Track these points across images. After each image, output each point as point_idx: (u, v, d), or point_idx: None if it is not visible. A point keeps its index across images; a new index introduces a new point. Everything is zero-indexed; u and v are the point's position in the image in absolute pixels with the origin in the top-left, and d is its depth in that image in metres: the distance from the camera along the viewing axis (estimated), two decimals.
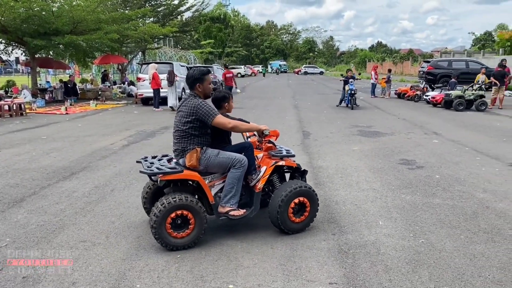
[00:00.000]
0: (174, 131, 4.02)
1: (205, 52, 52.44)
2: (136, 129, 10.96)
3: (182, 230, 3.74)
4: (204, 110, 3.81)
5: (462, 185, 5.74)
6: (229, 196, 3.93)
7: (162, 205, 3.62)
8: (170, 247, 3.71)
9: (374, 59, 63.24)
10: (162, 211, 3.61)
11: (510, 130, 10.47)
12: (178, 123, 3.95)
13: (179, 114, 3.96)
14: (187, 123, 3.87)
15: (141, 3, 25.49)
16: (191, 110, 3.84)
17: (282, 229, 4.04)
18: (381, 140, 9.20)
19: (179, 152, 3.96)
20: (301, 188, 4.06)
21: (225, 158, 3.93)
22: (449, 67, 22.66)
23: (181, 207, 3.67)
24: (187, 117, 3.86)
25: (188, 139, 3.90)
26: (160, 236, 3.66)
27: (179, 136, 3.93)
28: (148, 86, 17.60)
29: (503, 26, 69.50)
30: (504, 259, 3.56)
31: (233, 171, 3.92)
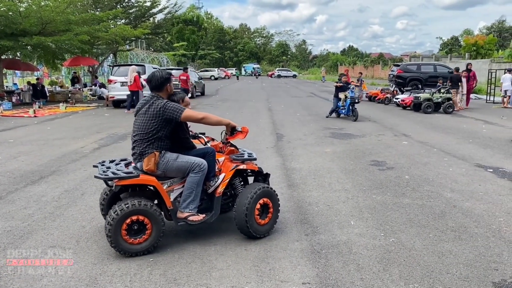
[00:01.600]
0: (134, 135, 3.87)
1: (178, 54, 52.04)
2: (107, 132, 10.78)
3: (139, 236, 3.64)
4: (170, 108, 3.73)
5: (431, 185, 5.90)
6: (188, 201, 3.83)
7: (115, 213, 3.51)
8: (128, 254, 3.61)
9: (346, 62, 64.27)
10: (115, 219, 3.49)
11: (476, 131, 10.83)
12: (140, 126, 3.80)
13: (141, 118, 3.82)
14: (151, 126, 3.75)
15: (113, 5, 25.13)
16: (156, 112, 3.73)
17: (251, 233, 3.94)
18: (352, 142, 9.35)
19: (137, 156, 3.83)
20: (264, 189, 4.06)
21: (184, 162, 3.84)
22: (418, 71, 23.22)
23: (136, 212, 3.57)
24: (152, 119, 3.74)
25: (148, 143, 3.77)
26: (116, 244, 3.55)
27: (140, 140, 3.80)
28: (119, 89, 17.40)
29: (469, 32, 71.85)
30: (471, 256, 3.68)
31: (192, 176, 3.83)
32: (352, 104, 13.05)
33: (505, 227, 4.34)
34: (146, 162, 3.73)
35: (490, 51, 39.60)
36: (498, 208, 4.92)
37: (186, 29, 59.87)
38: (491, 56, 36.82)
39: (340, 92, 13.55)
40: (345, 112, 13.39)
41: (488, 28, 75.08)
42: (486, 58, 35.42)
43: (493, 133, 10.44)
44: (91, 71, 26.87)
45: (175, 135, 3.97)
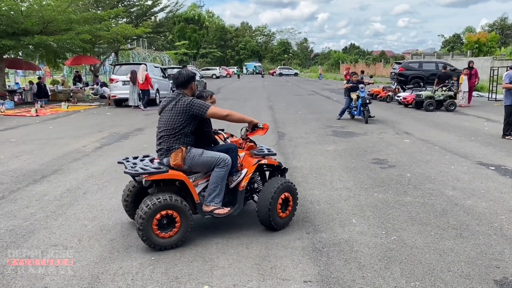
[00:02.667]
0: (160, 131, 4.00)
1: (179, 53, 52.04)
2: (109, 131, 10.79)
3: (168, 230, 3.75)
4: (197, 104, 3.89)
5: (432, 183, 5.89)
6: (213, 195, 3.96)
7: (147, 206, 3.61)
8: (157, 247, 3.71)
9: (347, 60, 64.16)
10: (147, 212, 3.59)
11: (478, 129, 10.81)
12: (166, 122, 3.94)
13: (168, 114, 3.95)
14: (178, 122, 3.89)
15: (114, 4, 25.11)
16: (183, 108, 3.88)
17: (272, 225, 4.10)
18: (354, 140, 9.34)
19: (164, 151, 3.95)
20: (286, 184, 4.22)
21: (210, 157, 3.98)
22: (420, 69, 23.19)
23: (167, 207, 3.67)
24: (179, 115, 3.89)
25: (174, 138, 3.90)
26: (148, 237, 3.65)
27: (166, 135, 3.92)
28: (121, 88, 17.42)
29: (471, 29, 71.62)
30: (472, 254, 3.67)
31: (217, 170, 3.97)
32: (364, 105, 12.13)
33: (507, 225, 4.34)
34: (173, 157, 3.85)
35: (492, 49, 39.49)
36: (500, 206, 4.91)
37: (188, 27, 59.91)
38: (493, 54, 36.70)
39: (352, 92, 12.61)
40: (357, 113, 12.46)
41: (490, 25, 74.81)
42: (488, 55, 35.31)
43: (495, 130, 10.42)
44: (93, 70, 26.89)
45: (199, 130, 4.12)
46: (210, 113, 3.92)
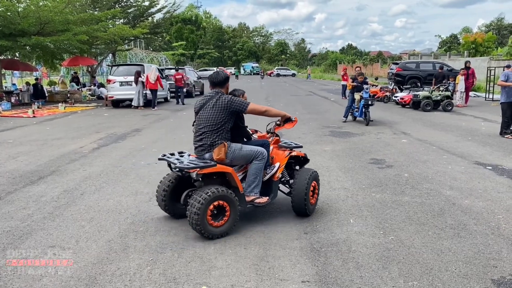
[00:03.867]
0: (201, 127, 4.23)
1: (176, 54, 52.05)
2: (106, 132, 10.78)
3: (219, 219, 4.01)
4: (237, 101, 4.23)
5: (430, 183, 5.91)
6: (253, 186, 4.28)
7: (203, 197, 3.83)
8: (210, 236, 3.94)
9: (345, 61, 64.24)
10: (203, 203, 3.81)
11: (475, 129, 10.83)
12: (208, 119, 4.18)
13: (209, 111, 4.20)
14: (220, 118, 4.17)
15: (111, 4, 25.07)
16: (224, 105, 4.18)
17: (306, 212, 4.51)
18: (351, 141, 9.35)
19: (207, 146, 4.18)
20: (314, 174, 4.68)
21: (249, 151, 4.29)
22: (417, 69, 23.23)
23: (219, 197, 3.94)
24: (221, 112, 4.18)
25: (217, 134, 4.17)
26: (202, 226, 3.86)
27: (209, 131, 4.17)
28: (118, 88, 17.40)
29: (468, 29, 71.82)
30: (470, 253, 3.68)
31: (255, 163, 4.28)
32: (366, 106, 11.72)
33: (504, 224, 4.35)
34: (217, 152, 4.11)
35: (489, 49, 39.59)
36: (497, 206, 4.93)
37: (185, 28, 59.92)
38: (490, 54, 36.80)
39: (356, 92, 12.25)
40: (358, 114, 12.09)
41: (487, 25, 75.03)
42: (485, 55, 35.41)
43: (492, 130, 10.45)
44: (90, 71, 26.84)
45: (237, 126, 4.44)
46: (250, 109, 4.26)
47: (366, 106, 11.73)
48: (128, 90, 17.44)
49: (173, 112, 15.92)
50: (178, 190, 4.39)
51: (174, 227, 4.30)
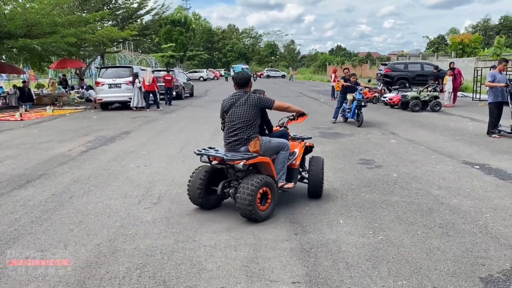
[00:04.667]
0: (235, 123, 4.65)
1: (166, 55, 51.86)
2: (95, 135, 10.70)
3: (263, 204, 4.46)
4: (265, 99, 4.75)
5: (419, 182, 5.95)
6: (281, 173, 4.78)
7: (253, 184, 4.30)
8: (258, 219, 4.38)
9: (334, 62, 64.55)
10: (254, 189, 4.27)
11: (463, 129, 10.95)
12: (241, 116, 4.63)
13: (241, 109, 4.65)
14: (252, 114, 4.64)
15: (99, 7, 24.93)
16: (255, 103, 4.66)
17: (320, 195, 5.20)
18: (341, 141, 9.39)
19: (243, 140, 4.62)
20: (323, 160, 5.36)
21: (277, 143, 4.82)
22: (405, 70, 23.45)
23: (265, 184, 4.43)
24: (253, 109, 4.65)
25: (251, 128, 4.63)
26: (253, 209, 4.29)
27: (244, 127, 4.61)
28: (107, 91, 17.30)
29: (455, 30, 72.75)
30: (458, 252, 3.71)
31: (282, 153, 4.82)
32: (359, 108, 11.56)
33: (492, 223, 4.40)
34: (253, 145, 4.58)
35: (475, 49, 40.04)
36: (484, 204, 4.98)
37: (174, 30, 59.65)
38: (476, 54, 37.23)
39: (348, 93, 12.10)
40: (350, 115, 11.87)
41: (474, 26, 76.00)
42: (472, 56, 35.82)
43: (480, 130, 10.57)
44: (78, 73, 26.63)
45: (264, 120, 5.00)
46: (276, 106, 4.74)
47: (359, 107, 11.56)
48: (117, 93, 17.38)
49: (163, 114, 15.86)
50: (210, 183, 4.79)
51: (163, 230, 4.28)
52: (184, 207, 4.96)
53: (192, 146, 8.89)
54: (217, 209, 4.89)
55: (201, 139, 9.80)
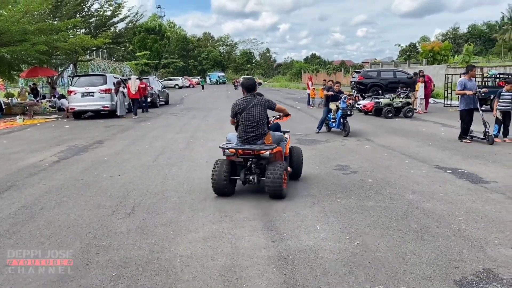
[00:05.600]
0: (252, 122, 5.56)
1: (140, 63, 51.36)
2: (67, 144, 10.45)
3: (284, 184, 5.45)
4: (271, 101, 5.82)
5: (393, 187, 6.03)
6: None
7: (281, 168, 5.34)
8: (284, 196, 5.45)
9: (309, 70, 65.26)
10: (282, 172, 5.30)
11: (435, 134, 11.19)
12: (256, 116, 5.57)
13: (254, 109, 5.58)
14: (263, 114, 5.65)
15: (71, 14, 24.46)
16: (264, 104, 5.67)
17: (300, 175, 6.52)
18: (317, 148, 9.45)
19: (260, 135, 5.60)
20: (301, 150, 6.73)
21: (278, 136, 5.95)
22: (378, 77, 23.88)
23: (285, 168, 5.52)
24: (263, 109, 5.65)
25: (265, 125, 5.68)
26: (282, 187, 5.31)
27: (260, 124, 5.59)
28: (80, 100, 16.99)
29: (426, 38, 74.67)
30: (433, 255, 3.76)
31: (282, 144, 5.91)
32: (344, 117, 11.22)
33: (464, 226, 4.48)
34: (267, 138, 5.63)
35: (446, 57, 41.21)
36: (457, 208, 5.07)
37: (148, 38, 59.18)
38: (447, 62, 38.29)
39: (331, 102, 11.73)
40: (336, 125, 11.57)
41: (444, 34, 78.24)
42: (443, 63, 36.81)
43: (451, 135, 10.82)
44: (50, 82, 26.05)
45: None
46: (277, 107, 5.89)
47: (344, 117, 11.24)
48: (90, 101, 17.10)
49: (137, 122, 15.64)
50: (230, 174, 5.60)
51: (138, 240, 4.19)
52: (159, 217, 4.88)
53: (167, 155, 8.79)
54: (192, 219, 4.82)
55: (177, 148, 9.70)
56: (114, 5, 28.16)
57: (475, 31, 76.70)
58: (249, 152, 5.46)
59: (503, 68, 27.76)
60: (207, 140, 10.85)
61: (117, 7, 28.32)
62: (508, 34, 60.54)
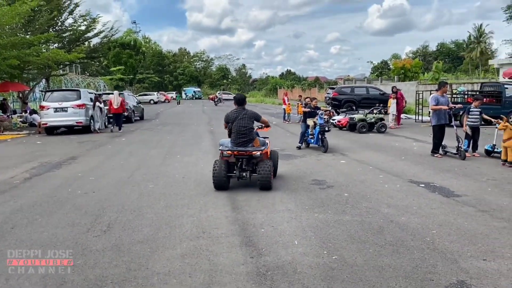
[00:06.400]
0: (243, 129, 6.87)
1: (115, 78, 50.82)
2: (39, 161, 10.20)
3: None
4: (257, 113, 7.19)
5: (368, 201, 6.13)
6: None
7: (270, 165, 6.72)
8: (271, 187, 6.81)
9: (285, 86, 65.95)
10: (270, 168, 6.70)
11: (407, 149, 11.45)
12: (246, 124, 6.92)
13: (244, 119, 6.92)
14: (251, 122, 7.01)
15: (44, 28, 24.09)
16: (251, 115, 7.03)
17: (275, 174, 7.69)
18: (293, 163, 9.53)
19: (250, 140, 6.93)
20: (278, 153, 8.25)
21: (263, 140, 7.23)
22: (352, 93, 24.37)
23: (272, 165, 6.98)
24: (251, 119, 7.01)
25: (253, 132, 7.05)
26: (271, 180, 6.71)
27: (249, 131, 6.93)
28: (53, 115, 16.66)
29: (397, 56, 76.87)
30: (408, 268, 3.83)
31: (265, 147, 7.06)
32: (322, 133, 11.24)
33: (438, 238, 4.59)
34: (256, 142, 7.00)
35: (416, 74, 42.41)
36: (431, 221, 5.19)
37: (123, 53, 58.70)
38: (417, 79, 39.40)
39: (309, 118, 11.77)
40: (314, 141, 11.56)
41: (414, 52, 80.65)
42: (413, 80, 37.85)
43: (423, 150, 11.09)
44: (21, 97, 25.45)
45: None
46: (262, 119, 7.22)
47: (322, 133, 11.25)
48: (63, 117, 16.76)
49: (111, 138, 15.42)
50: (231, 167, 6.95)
51: (114, 258, 4.12)
52: (135, 234, 4.81)
53: (143, 171, 8.69)
54: (170, 235, 4.77)
55: (153, 163, 9.61)
56: (89, 20, 27.90)
57: (444, 49, 79.44)
58: (243, 153, 6.80)
59: (471, 85, 28.77)
60: (183, 155, 10.80)
61: (91, 22, 28.08)
62: (474, 52, 63.03)
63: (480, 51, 62.22)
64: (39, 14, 23.31)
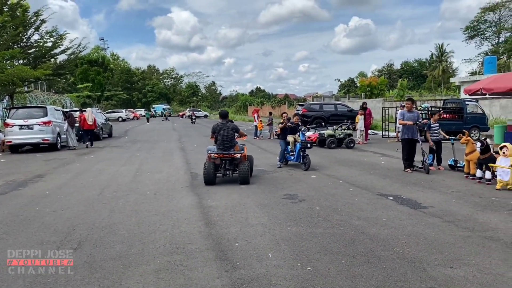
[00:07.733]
0: (226, 137, 8.85)
1: (82, 95, 49.93)
2: (4, 179, 9.88)
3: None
4: (237, 126, 9.12)
5: (340, 214, 6.25)
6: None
7: (248, 165, 8.79)
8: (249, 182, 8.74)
9: (255, 103, 66.50)
10: (248, 168, 8.78)
11: (375, 163, 11.75)
12: (229, 133, 8.90)
13: (227, 129, 8.91)
14: (233, 133, 8.94)
15: (9, 45, 23.53)
16: (233, 127, 9.02)
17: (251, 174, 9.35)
18: (265, 177, 9.61)
19: (231, 146, 8.89)
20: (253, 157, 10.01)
21: (241, 146, 9.14)
22: (321, 110, 24.85)
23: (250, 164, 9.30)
24: (232, 130, 8.97)
25: (233, 140, 8.99)
26: (249, 177, 8.71)
27: (231, 139, 8.92)
28: (17, 133, 16.22)
29: (363, 74, 78.98)
30: (380, 277, 3.94)
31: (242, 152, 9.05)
32: (303, 150, 10.90)
33: (407, 248, 4.73)
34: (237, 148, 8.94)
35: (382, 91, 43.71)
36: (400, 232, 5.35)
37: (91, 70, 57.88)
38: (383, 96, 40.59)
39: (289, 135, 11.40)
40: (295, 158, 11.16)
41: (380, 70, 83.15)
42: (379, 97, 38.97)
43: (390, 164, 11.41)
44: None
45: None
46: (240, 132, 9.12)
47: (304, 149, 10.93)
48: (29, 134, 16.34)
49: (79, 156, 15.09)
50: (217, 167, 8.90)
51: (86, 276, 4.04)
52: (107, 251, 4.73)
53: (113, 188, 8.56)
54: (143, 251, 4.72)
55: (123, 181, 9.47)
56: (56, 36, 27.41)
57: (408, 67, 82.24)
58: (227, 155, 8.82)
59: (434, 101, 29.90)
60: (154, 172, 10.70)
61: (58, 38, 27.57)
62: (437, 71, 65.52)
63: (442, 69, 64.73)
64: (4, 30, 22.76)
